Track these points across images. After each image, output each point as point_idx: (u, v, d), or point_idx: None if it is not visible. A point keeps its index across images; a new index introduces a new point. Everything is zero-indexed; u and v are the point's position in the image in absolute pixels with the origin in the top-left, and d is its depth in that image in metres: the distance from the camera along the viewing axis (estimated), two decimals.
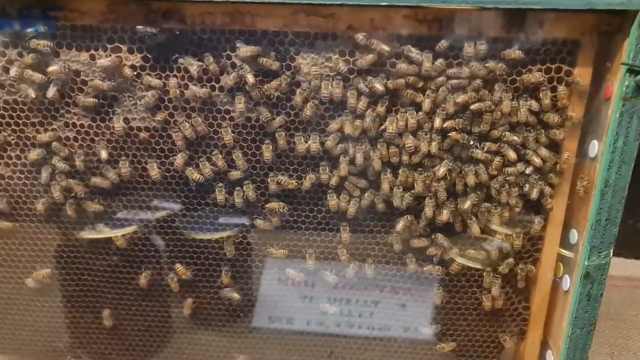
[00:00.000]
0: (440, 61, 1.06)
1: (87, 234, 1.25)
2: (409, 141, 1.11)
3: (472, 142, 1.12)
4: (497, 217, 1.17)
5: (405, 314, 1.35)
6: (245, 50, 1.06)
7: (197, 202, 1.21)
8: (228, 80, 1.09)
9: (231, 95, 1.11)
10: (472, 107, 1.08)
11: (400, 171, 1.15)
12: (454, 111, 1.09)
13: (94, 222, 1.24)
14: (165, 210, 1.23)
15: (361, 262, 1.26)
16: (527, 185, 1.15)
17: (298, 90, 1.10)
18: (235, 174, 1.16)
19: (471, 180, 1.14)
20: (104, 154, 1.14)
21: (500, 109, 1.09)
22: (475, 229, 1.18)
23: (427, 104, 1.09)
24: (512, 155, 1.12)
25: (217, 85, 1.11)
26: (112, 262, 1.28)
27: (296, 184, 1.17)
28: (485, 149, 1.13)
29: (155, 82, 1.09)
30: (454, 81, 1.07)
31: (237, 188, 1.17)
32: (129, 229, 1.24)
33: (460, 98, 1.08)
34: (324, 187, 1.18)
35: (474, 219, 1.17)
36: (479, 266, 1.24)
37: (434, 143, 1.11)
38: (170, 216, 1.23)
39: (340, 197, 1.18)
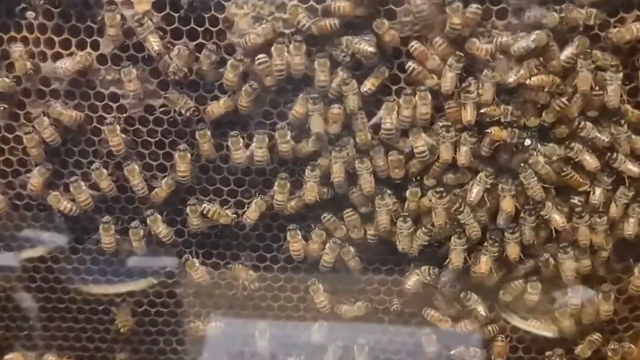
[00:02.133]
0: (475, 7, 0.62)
1: None
2: (420, 143, 0.66)
3: (528, 142, 0.67)
4: (570, 263, 0.72)
5: None
6: None
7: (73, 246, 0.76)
8: (106, 44, 0.65)
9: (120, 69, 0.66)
10: (531, 81, 0.63)
11: (407, 193, 0.70)
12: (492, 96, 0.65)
13: None
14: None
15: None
16: (613, 209, 0.69)
17: (230, 63, 0.65)
18: (159, 195, 0.71)
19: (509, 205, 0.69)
20: None
21: (574, 85, 0.65)
22: (513, 250, 0.71)
23: (448, 81, 0.64)
24: (591, 162, 0.67)
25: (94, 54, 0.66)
26: None
27: (233, 216, 0.72)
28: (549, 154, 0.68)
29: None
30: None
31: (133, 225, 0.72)
32: None
33: (514, 77, 0.64)
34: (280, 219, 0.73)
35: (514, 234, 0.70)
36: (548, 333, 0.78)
37: (463, 147, 0.66)
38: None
39: (313, 234, 0.73)
